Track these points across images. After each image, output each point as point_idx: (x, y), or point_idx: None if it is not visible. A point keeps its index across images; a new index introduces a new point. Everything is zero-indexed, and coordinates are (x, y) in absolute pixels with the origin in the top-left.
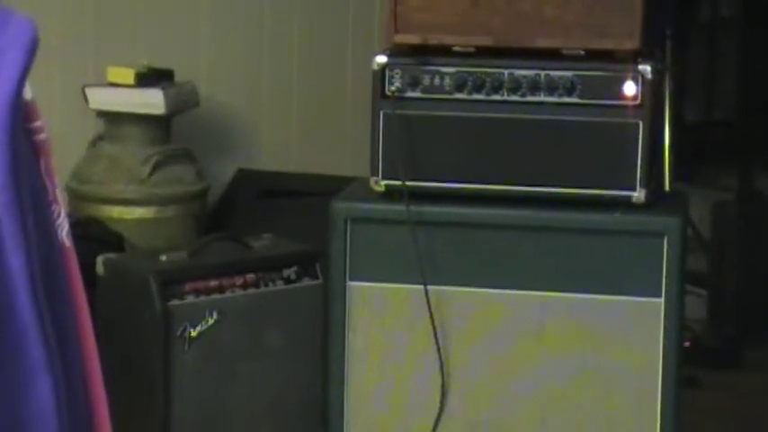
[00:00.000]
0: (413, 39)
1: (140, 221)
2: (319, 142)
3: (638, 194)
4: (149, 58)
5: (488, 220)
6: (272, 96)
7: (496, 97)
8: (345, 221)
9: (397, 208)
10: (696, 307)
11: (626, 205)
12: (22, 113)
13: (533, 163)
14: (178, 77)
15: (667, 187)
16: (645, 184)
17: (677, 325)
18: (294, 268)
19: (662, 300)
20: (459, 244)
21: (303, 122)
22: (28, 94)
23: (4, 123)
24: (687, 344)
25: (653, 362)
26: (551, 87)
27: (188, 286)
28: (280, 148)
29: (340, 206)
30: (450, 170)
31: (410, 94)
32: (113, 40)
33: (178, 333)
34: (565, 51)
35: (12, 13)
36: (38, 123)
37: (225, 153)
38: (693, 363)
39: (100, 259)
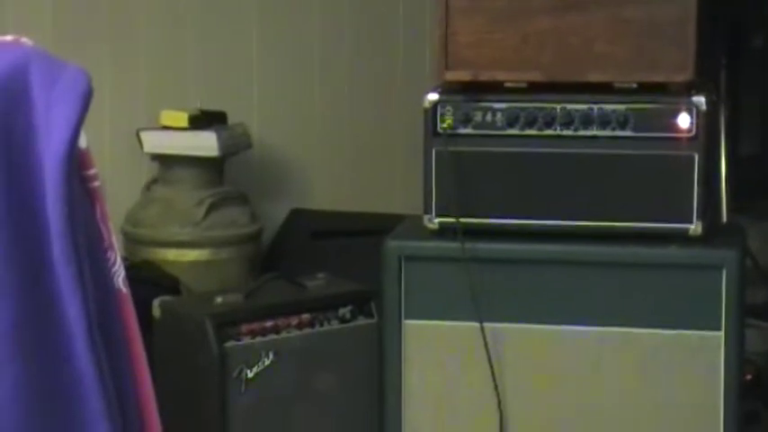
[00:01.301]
0: (463, 75)
1: (195, 264)
2: (371, 181)
3: (695, 227)
4: (202, 101)
5: (543, 255)
6: (324, 136)
7: (549, 132)
8: (399, 260)
9: (451, 245)
10: (757, 340)
11: (682, 238)
12: (77, 162)
13: (587, 197)
14: (231, 119)
15: (724, 219)
16: (701, 217)
17: (738, 358)
18: (349, 307)
19: (722, 333)
20: (514, 280)
21: (354, 161)
22: (83, 142)
23: (60, 172)
24: (748, 377)
25: (714, 397)
26: (604, 121)
27: (244, 328)
28: (332, 188)
29: (393, 244)
30: (503, 206)
31: (462, 130)
32: (166, 84)
33: (234, 375)
34: (617, 85)
35: (65, 65)
36: (92, 171)
37: (277, 194)
38: (755, 397)
39: (156, 303)
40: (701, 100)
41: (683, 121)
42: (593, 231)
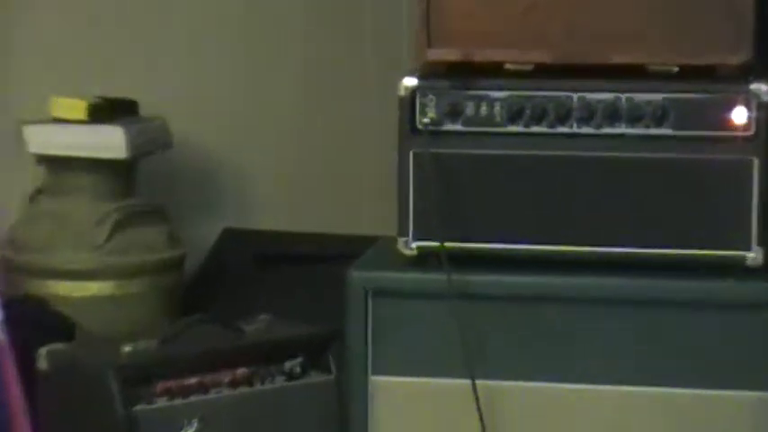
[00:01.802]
0: (451, 54)
1: (95, 300)
2: (329, 192)
3: (755, 255)
4: (104, 87)
5: (554, 292)
6: (267, 134)
7: (563, 129)
8: (366, 296)
9: (434, 277)
10: None
11: (737, 270)
12: None
13: (612, 216)
14: (144, 111)
15: None
16: (763, 242)
17: None
18: (299, 359)
19: None
20: (516, 324)
21: (307, 167)
22: None
23: None
24: None
25: None
26: (635, 116)
27: (159, 386)
28: (277, 202)
29: (359, 276)
30: (502, 227)
31: (449, 126)
32: (59, 65)
33: None
34: (652, 68)
35: None
36: None
37: (206, 208)
38: None
39: (43, 352)
40: (760, 88)
41: (739, 115)
42: (620, 260)
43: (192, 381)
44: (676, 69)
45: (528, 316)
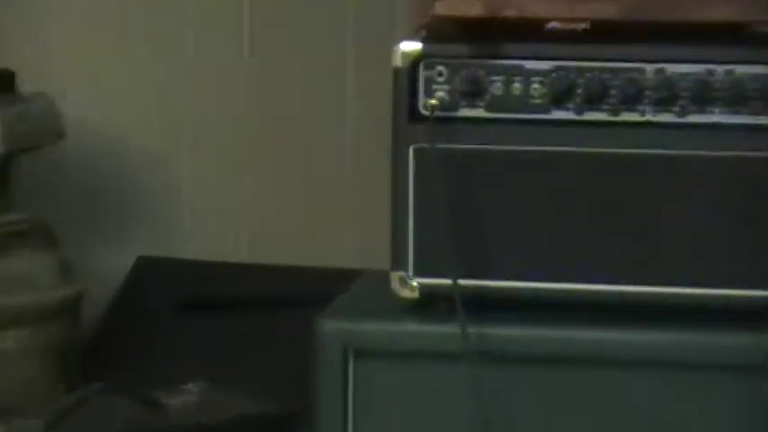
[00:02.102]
0: (470, 7)
1: None
2: (288, 208)
3: None
4: None
5: (612, 350)
6: (202, 124)
7: (631, 117)
8: (345, 356)
9: (444, 330)
10: None
11: None
12: None
13: (703, 243)
14: (24, 86)
15: None
16: None
17: None
18: None
19: None
20: (557, 393)
21: (257, 173)
22: None
23: None
24: None
25: None
26: (736, 97)
27: None
28: (215, 221)
29: (334, 327)
30: (543, 258)
31: (465, 112)
32: None
33: None
34: (757, 28)
35: None
36: None
37: (115, 229)
38: None
39: None
40: None
41: None
42: (705, 306)
43: None
44: None
45: (573, 382)
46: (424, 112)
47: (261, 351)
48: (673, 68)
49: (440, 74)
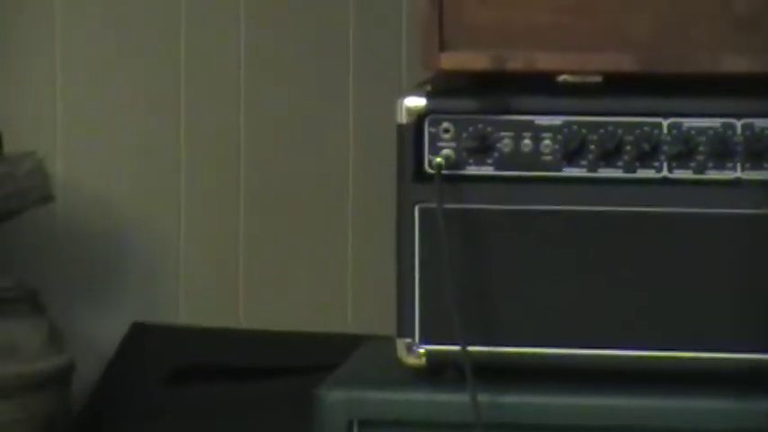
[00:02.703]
0: (477, 60)
1: None
2: (286, 269)
3: None
4: None
5: (632, 419)
6: (190, 185)
7: (647, 173)
8: (350, 427)
9: (452, 399)
10: None
11: None
12: None
13: (717, 308)
14: (11, 145)
15: None
16: None
17: None
18: None
19: None
20: None
21: (255, 235)
22: None
23: None
24: None
25: None
26: (759, 152)
27: None
28: (212, 286)
29: (338, 397)
30: (557, 323)
31: (473, 170)
32: None
33: None
34: None
35: None
36: None
37: (107, 294)
38: None
39: None
40: None
41: None
42: (725, 371)
43: None
44: None
45: None
46: (429, 170)
47: (258, 422)
48: (690, 122)
49: (446, 130)
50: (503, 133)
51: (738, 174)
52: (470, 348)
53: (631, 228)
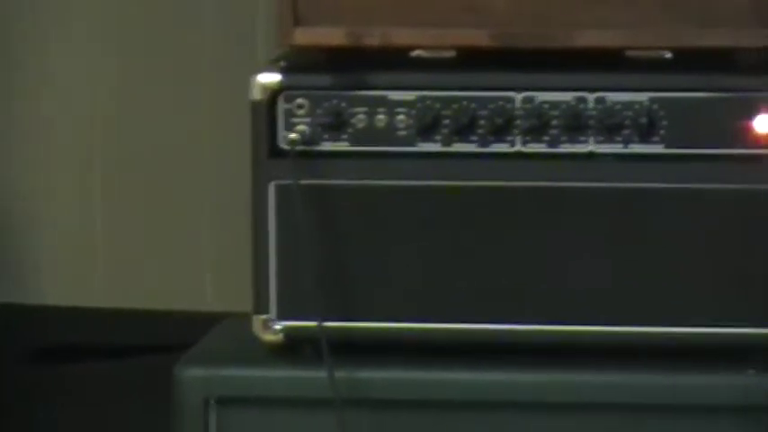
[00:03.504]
0: (331, 36)
1: None
2: (143, 247)
3: None
4: None
5: (497, 392)
6: (52, 155)
7: (500, 147)
8: (206, 404)
9: (308, 375)
10: None
11: (765, 355)
12: None
13: (579, 277)
14: None
15: None
16: None
17: None
18: None
19: None
20: None
21: (110, 210)
22: None
23: None
24: None
25: None
26: (608, 125)
27: None
28: (69, 266)
29: (194, 375)
30: (413, 296)
31: (329, 146)
32: None
33: None
34: (630, 54)
35: None
36: None
37: None
38: None
39: None
40: None
41: (763, 123)
42: (592, 343)
43: None
44: (669, 56)
45: (444, 426)
46: (284, 146)
47: (118, 401)
48: (543, 96)
49: (300, 106)
50: (357, 109)
51: (591, 147)
52: (327, 324)
53: (485, 202)
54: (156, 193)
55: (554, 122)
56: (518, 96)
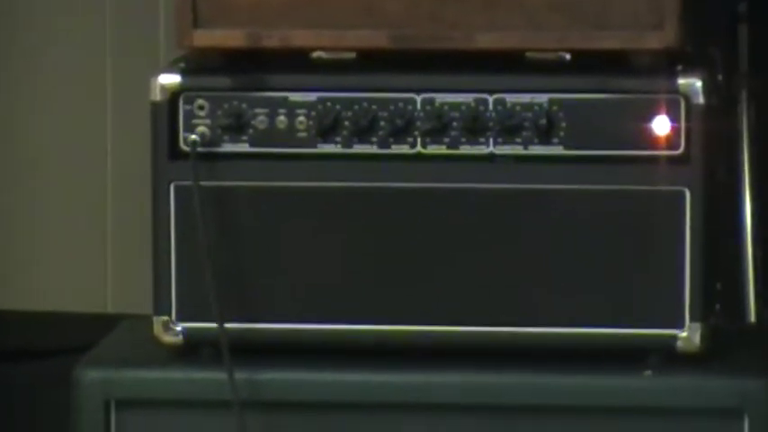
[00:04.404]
0: (231, 38)
1: None
2: (41, 247)
3: (688, 335)
4: None
5: (392, 394)
6: None
7: (401, 149)
8: (107, 407)
9: (208, 376)
10: None
11: (665, 356)
12: None
13: (474, 280)
14: None
15: (752, 318)
16: (700, 316)
17: None
18: None
19: None
20: None
21: (4, 214)
22: None
23: None
24: None
25: None
26: (507, 127)
27: None
28: None
29: (94, 377)
30: (314, 299)
31: (229, 147)
32: None
33: None
34: (531, 56)
35: None
36: None
37: None
38: None
39: None
40: (693, 85)
41: (660, 125)
42: (488, 345)
43: None
44: (568, 58)
45: (346, 427)
46: (184, 148)
47: (14, 405)
48: (443, 98)
49: (200, 107)
50: (257, 110)
51: (491, 149)
52: (227, 326)
53: (387, 204)
54: (56, 194)
55: (454, 124)
56: (418, 98)
